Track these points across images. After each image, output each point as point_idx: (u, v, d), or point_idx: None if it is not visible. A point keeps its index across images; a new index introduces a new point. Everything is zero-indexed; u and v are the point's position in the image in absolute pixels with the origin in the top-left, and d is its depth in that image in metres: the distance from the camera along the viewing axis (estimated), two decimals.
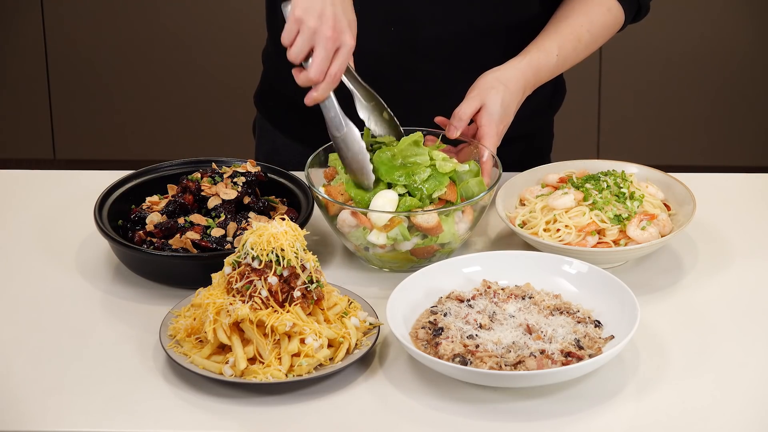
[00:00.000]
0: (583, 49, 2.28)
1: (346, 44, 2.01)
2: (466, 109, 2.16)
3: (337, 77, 2.01)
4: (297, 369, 1.80)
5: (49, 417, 1.77)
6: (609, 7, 2.29)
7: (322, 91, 2.02)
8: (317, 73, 2.00)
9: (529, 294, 1.94)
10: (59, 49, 4.49)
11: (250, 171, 2.15)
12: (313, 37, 1.99)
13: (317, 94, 2.02)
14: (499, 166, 2.12)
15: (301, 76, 2.02)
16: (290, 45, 2.00)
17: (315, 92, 2.02)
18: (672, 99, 4.49)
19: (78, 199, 2.28)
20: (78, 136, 4.61)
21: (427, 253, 2.05)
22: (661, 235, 2.08)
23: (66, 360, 1.88)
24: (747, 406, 1.78)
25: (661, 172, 2.21)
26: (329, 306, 1.88)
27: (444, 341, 1.83)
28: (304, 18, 1.99)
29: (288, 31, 2.00)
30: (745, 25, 4.38)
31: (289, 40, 2.00)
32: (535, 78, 2.23)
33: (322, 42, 1.99)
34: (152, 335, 1.92)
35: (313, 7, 1.99)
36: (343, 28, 2.00)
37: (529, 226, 2.11)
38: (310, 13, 1.99)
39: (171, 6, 4.43)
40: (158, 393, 1.81)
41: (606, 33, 2.31)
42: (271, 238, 1.82)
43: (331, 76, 2.01)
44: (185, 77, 4.52)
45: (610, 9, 2.30)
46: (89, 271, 2.09)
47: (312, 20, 1.98)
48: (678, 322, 1.96)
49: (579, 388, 1.81)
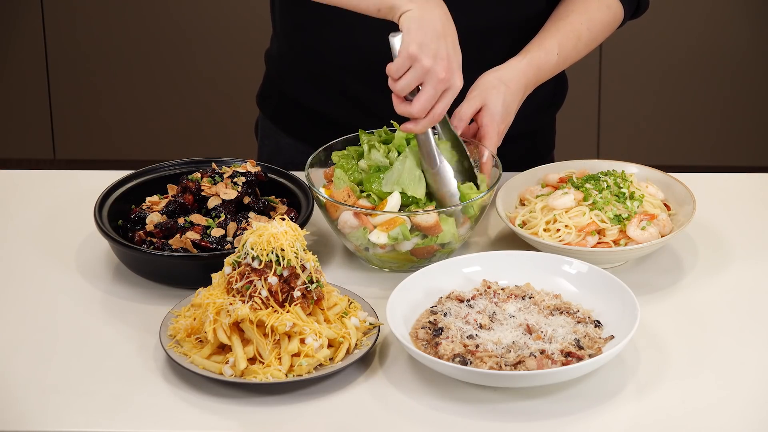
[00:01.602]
0: (583, 47, 2.28)
1: (454, 86, 2.00)
2: (467, 109, 2.16)
3: (439, 117, 2.01)
4: (297, 369, 1.80)
5: (49, 417, 1.77)
6: (608, 4, 2.30)
7: (422, 127, 2.01)
8: (421, 111, 1.99)
9: (529, 294, 1.94)
10: (59, 49, 4.49)
11: (250, 171, 2.15)
12: (425, 76, 1.97)
13: (416, 129, 2.02)
14: (499, 166, 2.12)
15: (402, 106, 2.00)
16: (398, 78, 1.99)
17: (413, 126, 2.01)
18: (672, 99, 4.49)
19: (78, 199, 2.28)
20: (78, 136, 4.61)
21: (427, 253, 2.05)
22: (661, 235, 2.08)
23: (66, 360, 1.88)
24: (747, 406, 1.78)
25: (661, 172, 2.21)
26: (329, 306, 1.88)
27: (444, 341, 1.83)
28: (419, 56, 1.97)
29: (399, 65, 1.98)
30: (745, 24, 4.39)
31: (398, 74, 1.98)
32: (536, 77, 2.24)
33: (433, 82, 1.97)
34: (152, 335, 1.92)
35: (428, 45, 1.97)
36: (454, 70, 1.99)
37: (529, 226, 2.11)
38: (425, 51, 1.97)
39: (171, 6, 4.43)
40: (158, 393, 1.81)
41: (605, 30, 2.31)
42: (271, 238, 1.82)
43: (434, 117, 2.01)
44: (186, 77, 4.52)
45: (610, 6, 2.30)
46: (89, 271, 2.09)
47: (427, 60, 1.97)
48: (678, 322, 1.96)
49: (579, 388, 1.81)
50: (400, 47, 1.99)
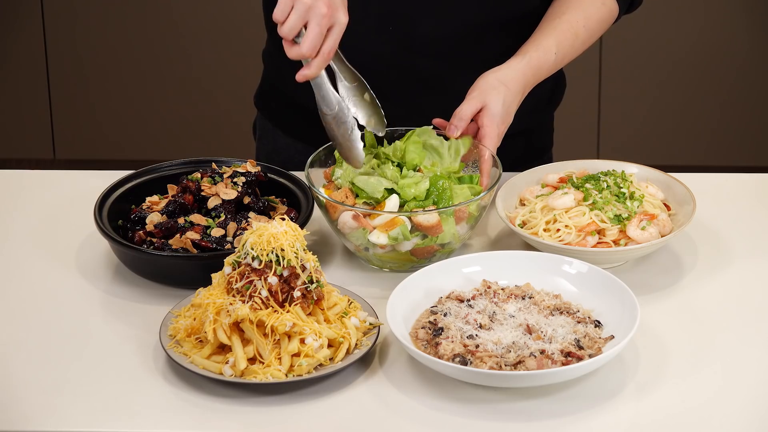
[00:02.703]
0: (581, 45, 2.29)
1: (339, 21, 2.00)
2: (467, 110, 2.16)
3: (330, 54, 2.00)
4: (297, 369, 1.80)
5: (49, 417, 1.77)
6: (603, 1, 2.30)
7: (314, 68, 2.01)
8: (310, 49, 1.99)
9: (529, 294, 1.94)
10: (59, 49, 4.49)
11: (250, 171, 2.15)
12: (308, 14, 1.97)
13: (309, 72, 2.02)
14: (499, 166, 2.12)
15: (292, 50, 2.00)
16: (283, 21, 1.99)
17: (307, 69, 2.02)
18: (672, 99, 4.49)
19: (78, 199, 2.28)
20: (78, 136, 4.61)
21: (427, 253, 2.05)
22: (661, 235, 2.08)
23: (66, 360, 1.88)
24: (747, 406, 1.78)
25: (661, 172, 2.21)
26: (329, 306, 1.88)
27: (444, 341, 1.83)
28: None
29: (282, 7, 1.98)
30: (745, 25, 4.38)
31: (283, 16, 1.98)
32: (535, 77, 2.24)
33: (317, 18, 1.97)
34: (152, 335, 1.92)
35: None
36: (337, 6, 1.99)
37: (529, 226, 2.11)
38: None
39: (171, 6, 4.43)
40: (158, 393, 1.81)
41: (602, 27, 2.31)
42: (271, 238, 1.82)
43: (324, 53, 2.00)
44: (185, 77, 4.52)
45: (605, 2, 2.30)
46: (89, 271, 2.09)
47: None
48: (678, 322, 1.96)
49: (579, 388, 1.81)
50: None
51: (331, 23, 1.99)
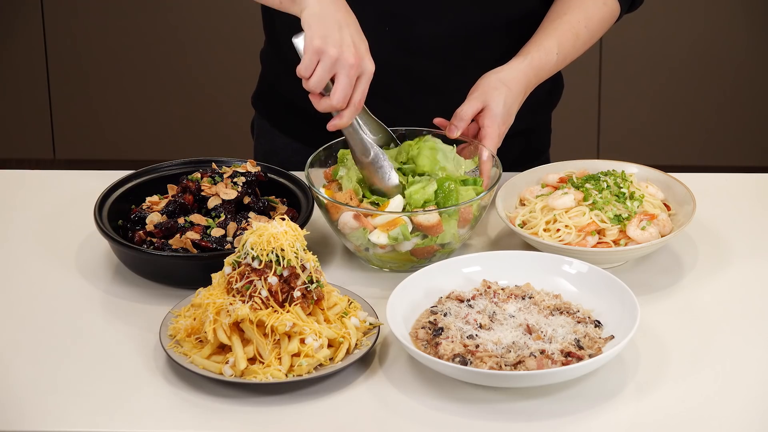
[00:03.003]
0: (582, 45, 2.29)
1: (367, 70, 2.00)
2: (467, 110, 2.16)
3: (360, 104, 2.01)
4: (297, 369, 1.80)
5: (48, 417, 1.77)
6: (605, 1, 2.30)
7: (346, 118, 2.02)
8: (341, 101, 1.99)
9: (529, 294, 1.94)
10: (59, 49, 4.49)
11: (250, 171, 2.15)
12: (335, 66, 1.97)
13: (341, 122, 2.02)
14: (499, 167, 2.12)
15: (322, 103, 2.00)
16: (309, 76, 1.99)
17: (339, 120, 2.02)
18: (672, 99, 4.49)
19: (78, 199, 2.28)
20: (78, 136, 4.61)
21: (427, 253, 2.05)
22: (661, 235, 2.08)
23: (66, 360, 1.88)
24: (747, 406, 1.78)
25: (661, 172, 2.21)
26: (329, 306, 1.88)
27: (444, 341, 1.83)
28: (324, 48, 1.97)
29: (307, 62, 1.98)
30: (745, 25, 4.38)
31: (309, 72, 1.98)
32: (536, 77, 2.24)
33: (345, 70, 1.97)
34: (152, 335, 1.92)
35: (331, 36, 1.97)
36: (363, 54, 1.99)
37: (529, 226, 2.11)
38: (330, 42, 1.97)
39: (171, 6, 4.43)
40: (158, 393, 1.81)
41: (603, 27, 2.31)
42: (271, 238, 1.82)
43: (355, 104, 2.01)
44: (185, 77, 4.52)
45: (606, 2, 2.30)
46: (89, 271, 2.09)
47: (333, 49, 1.97)
48: (678, 322, 1.96)
49: (579, 388, 1.81)
50: (304, 44, 1.99)
51: (359, 72, 1.99)
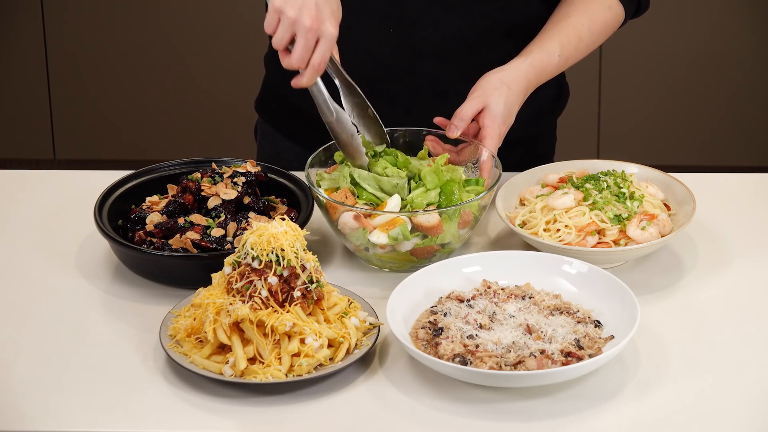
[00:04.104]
0: (584, 48, 2.28)
1: (326, 34, 2.00)
2: (468, 110, 2.16)
3: (320, 66, 2.02)
4: (297, 369, 1.80)
5: (49, 417, 1.77)
6: (609, 6, 2.29)
7: (306, 78, 2.03)
8: (298, 61, 2.01)
9: (529, 294, 1.94)
10: (59, 49, 4.49)
11: (250, 171, 2.15)
12: (293, 27, 1.99)
13: (302, 81, 2.04)
14: (499, 167, 2.12)
15: (285, 59, 2.02)
16: (273, 33, 2.01)
17: (299, 79, 2.04)
18: (672, 99, 4.49)
19: (78, 199, 2.28)
20: (78, 136, 4.61)
21: (427, 253, 2.05)
22: (661, 235, 2.08)
23: (66, 360, 1.88)
24: (747, 406, 1.78)
25: (661, 172, 2.21)
26: (329, 306, 1.88)
27: (444, 341, 1.83)
28: (283, 8, 1.99)
29: (269, 20, 2.00)
30: (744, 25, 4.39)
31: (271, 29, 2.00)
32: (537, 79, 2.23)
33: (302, 32, 1.99)
34: (152, 335, 1.92)
35: None
36: (323, 18, 2.00)
37: (529, 226, 2.11)
38: (290, 3, 1.98)
39: (171, 7, 4.43)
40: (158, 393, 1.81)
41: (607, 31, 2.31)
42: (271, 238, 1.82)
43: (314, 66, 2.02)
44: (186, 77, 4.52)
45: (611, 7, 2.30)
46: (89, 271, 2.09)
47: (291, 10, 1.98)
48: (678, 322, 1.96)
49: (579, 388, 1.81)
50: (268, 2, 2.01)
51: (318, 36, 2.00)
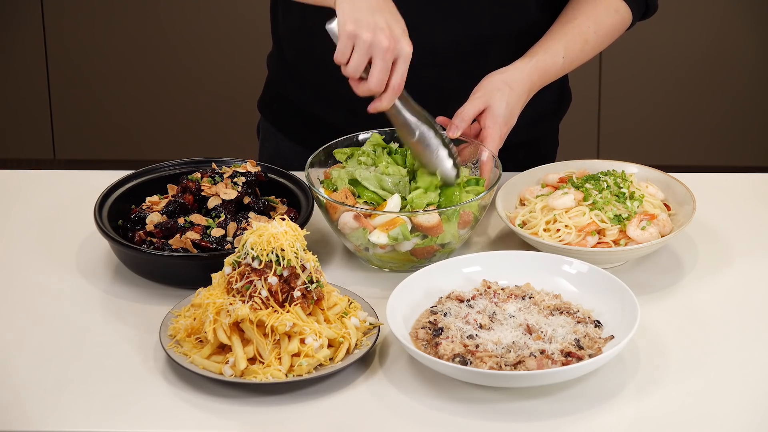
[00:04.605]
0: (590, 51, 2.28)
1: (404, 53, 1.99)
2: (469, 110, 2.16)
3: (400, 87, 2.00)
4: (297, 369, 1.80)
5: (49, 417, 1.77)
6: (617, 9, 2.28)
7: (386, 101, 2.01)
8: (378, 85, 1.98)
9: (529, 294, 1.94)
10: (59, 49, 4.49)
11: (250, 171, 2.15)
12: (370, 50, 1.96)
13: (382, 105, 2.02)
14: (499, 167, 2.12)
15: (360, 87, 2.00)
16: (347, 61, 1.98)
17: (379, 103, 2.02)
18: (672, 99, 4.49)
19: (78, 199, 2.28)
20: (78, 136, 4.61)
21: (427, 253, 2.05)
22: (661, 235, 2.08)
23: (66, 360, 1.88)
24: (747, 406, 1.78)
25: (661, 172, 2.21)
26: (329, 306, 1.88)
27: (444, 341, 1.83)
28: (357, 32, 1.96)
29: (342, 48, 1.97)
30: (744, 25, 4.38)
31: (345, 57, 1.98)
32: (541, 80, 2.23)
33: (380, 54, 1.96)
34: (152, 335, 1.92)
35: (364, 20, 1.96)
36: (398, 37, 1.98)
37: (529, 226, 2.11)
38: (363, 26, 1.96)
39: (171, 6, 4.43)
40: (158, 393, 1.81)
41: (613, 34, 2.30)
42: (271, 238, 1.82)
43: (394, 87, 2.00)
44: (186, 77, 4.52)
45: (618, 10, 2.29)
46: (89, 271, 2.09)
47: (366, 33, 1.96)
48: (678, 322, 1.96)
49: (579, 388, 1.81)
50: (338, 30, 1.98)
51: (396, 55, 1.98)
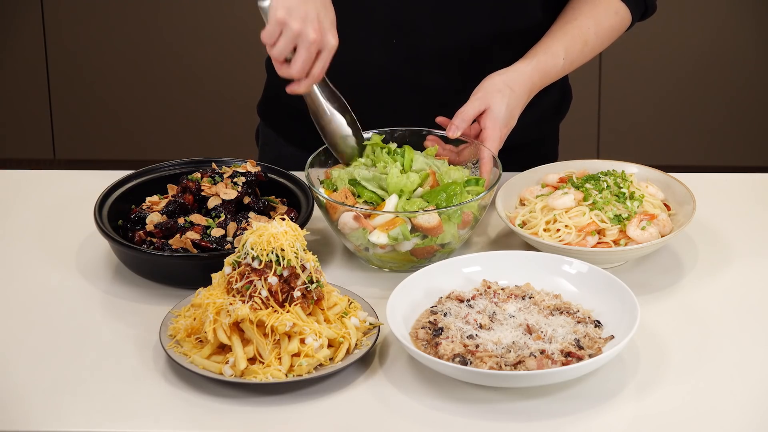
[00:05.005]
0: (590, 52, 2.28)
1: (328, 46, 2.03)
2: (469, 110, 2.16)
3: (318, 76, 2.05)
4: (297, 369, 1.80)
5: (49, 417, 1.77)
6: (616, 10, 2.29)
7: (303, 87, 2.06)
8: (299, 73, 2.03)
9: (529, 294, 1.94)
10: (59, 49, 4.49)
11: (250, 171, 2.15)
12: (296, 39, 2.00)
13: (299, 89, 2.06)
14: (499, 167, 2.12)
15: (282, 69, 2.04)
16: (272, 44, 2.01)
17: (296, 86, 2.06)
18: (672, 99, 4.49)
19: (78, 199, 2.28)
20: (78, 136, 4.61)
21: (427, 253, 2.05)
22: (661, 235, 2.08)
23: (66, 360, 1.88)
24: (747, 406, 1.78)
25: (661, 172, 2.21)
26: (329, 306, 1.88)
27: (444, 341, 1.83)
28: (287, 20, 1.99)
29: (270, 32, 2.01)
30: (744, 25, 4.39)
31: (272, 40, 2.01)
32: (541, 81, 2.23)
33: (305, 44, 2.00)
34: (152, 335, 1.92)
35: (295, 9, 1.99)
36: (326, 30, 2.01)
37: (529, 226, 2.11)
38: (294, 15, 1.99)
39: (172, 8, 4.43)
40: (158, 393, 1.81)
41: (613, 35, 2.31)
42: (271, 238, 1.82)
43: (314, 76, 2.05)
44: (186, 78, 4.52)
45: (617, 11, 2.29)
46: (89, 271, 2.09)
47: (296, 23, 1.99)
48: (678, 322, 1.96)
49: (579, 388, 1.81)
50: (269, 13, 2.01)
51: (320, 48, 2.02)
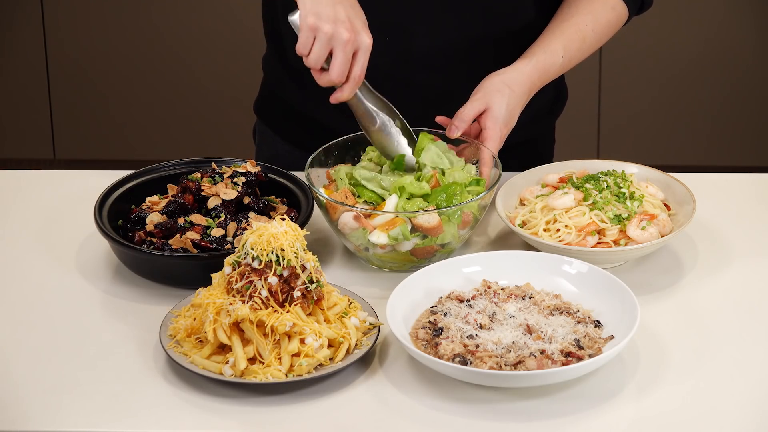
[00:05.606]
0: (588, 48, 2.28)
1: (363, 44, 2.01)
2: (469, 111, 2.16)
3: (360, 78, 2.03)
4: (297, 369, 1.80)
5: (49, 417, 1.77)
6: (613, 5, 2.29)
7: (347, 91, 2.04)
8: (339, 76, 2.01)
9: (529, 294, 1.94)
10: (59, 49, 4.49)
11: (250, 171, 2.15)
12: (331, 42, 1.99)
13: (342, 95, 2.04)
14: (499, 167, 2.12)
15: (322, 77, 2.03)
16: (308, 53, 2.00)
17: (340, 93, 2.04)
18: (672, 99, 4.49)
19: (78, 199, 2.28)
20: (78, 136, 4.61)
21: (427, 253, 2.05)
22: (661, 235, 2.08)
23: (66, 360, 1.88)
24: (747, 406, 1.78)
25: (661, 172, 2.21)
26: (329, 306, 1.88)
27: (444, 341, 1.83)
28: (318, 24, 1.98)
29: (304, 40, 2.00)
30: (744, 25, 4.39)
31: (307, 49, 2.00)
32: (541, 80, 2.23)
33: (340, 45, 1.99)
34: (152, 335, 1.92)
35: (324, 13, 1.99)
36: (358, 29, 2.01)
37: (529, 226, 2.11)
38: (324, 18, 1.99)
39: (171, 7, 4.43)
40: (158, 393, 1.81)
41: (610, 31, 2.31)
42: (271, 238, 1.82)
43: (355, 77, 2.03)
44: (186, 77, 4.52)
45: (614, 7, 2.29)
46: (89, 271, 2.09)
47: (327, 26, 1.98)
48: (678, 322, 1.96)
49: (579, 388, 1.81)
50: (300, 23, 2.01)
51: (356, 47, 2.01)
